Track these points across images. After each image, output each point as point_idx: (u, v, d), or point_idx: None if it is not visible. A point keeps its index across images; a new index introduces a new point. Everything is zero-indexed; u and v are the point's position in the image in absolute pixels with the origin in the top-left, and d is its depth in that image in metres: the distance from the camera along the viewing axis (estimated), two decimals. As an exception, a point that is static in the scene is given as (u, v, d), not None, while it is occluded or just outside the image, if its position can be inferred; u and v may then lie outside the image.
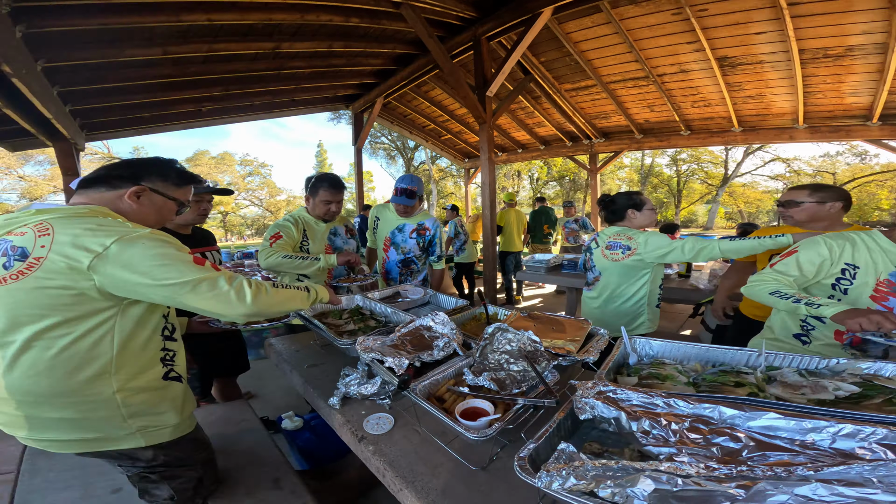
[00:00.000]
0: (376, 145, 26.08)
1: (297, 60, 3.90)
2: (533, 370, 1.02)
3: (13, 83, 2.20)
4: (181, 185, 1.03)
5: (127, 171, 0.95)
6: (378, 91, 5.34)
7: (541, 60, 4.76)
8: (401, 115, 7.19)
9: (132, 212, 0.94)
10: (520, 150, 7.85)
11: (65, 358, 0.79)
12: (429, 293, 1.95)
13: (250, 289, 0.87)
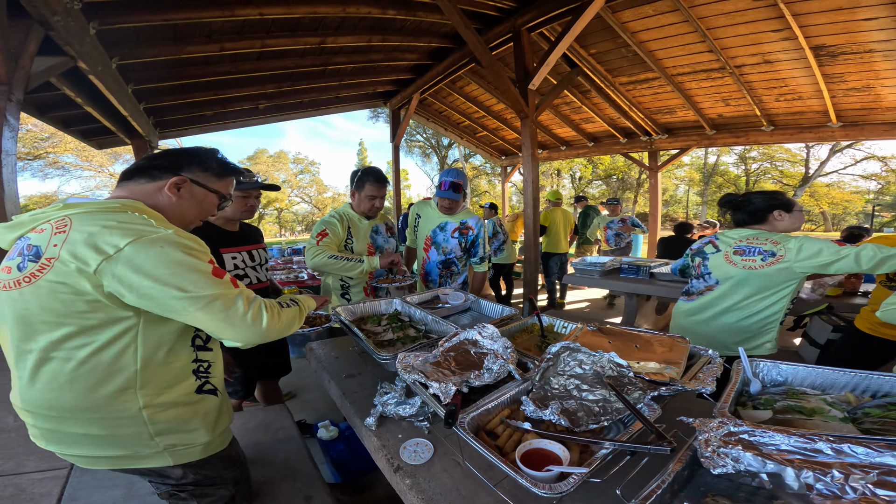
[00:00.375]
0: (412, 143, 26.41)
1: (340, 56, 3.95)
2: (624, 403, 0.81)
3: (93, 81, 2.38)
4: (222, 176, 0.96)
5: (166, 160, 0.89)
6: (414, 87, 5.34)
7: (590, 52, 4.45)
8: (436, 111, 7.12)
9: (171, 205, 0.87)
10: (563, 148, 7.42)
11: (86, 371, 0.72)
12: (470, 299, 1.80)
13: (267, 313, 0.80)
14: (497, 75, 3.26)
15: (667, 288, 2.87)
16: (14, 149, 1.63)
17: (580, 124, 6.47)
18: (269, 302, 0.84)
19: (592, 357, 0.95)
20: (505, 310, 1.65)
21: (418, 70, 5.16)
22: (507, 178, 8.94)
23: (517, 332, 1.45)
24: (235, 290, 0.78)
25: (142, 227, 0.73)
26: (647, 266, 3.16)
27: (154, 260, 0.70)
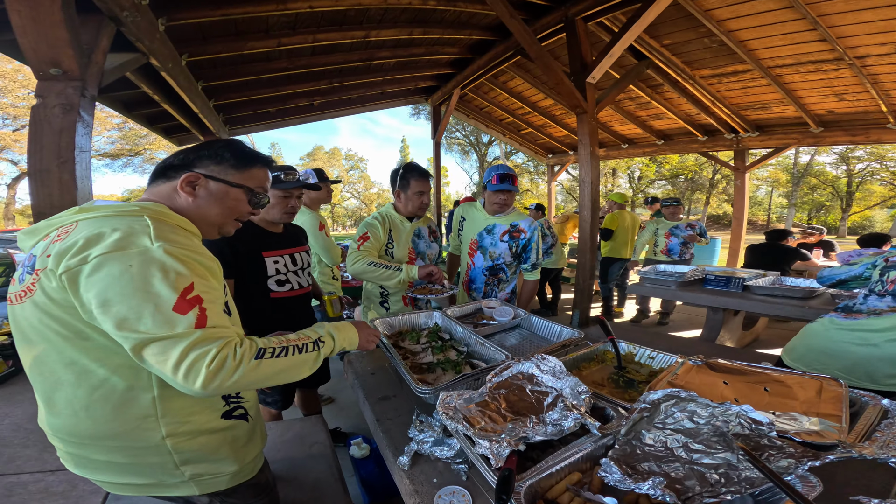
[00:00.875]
0: (451, 140, 26.37)
1: (383, 51, 3.93)
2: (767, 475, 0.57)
3: (166, 78, 2.54)
4: (243, 166, 0.83)
5: (178, 157, 0.80)
6: (455, 82, 5.21)
7: (663, 43, 3.99)
8: (477, 107, 6.91)
9: (189, 206, 0.78)
10: (625, 146, 6.81)
11: (100, 398, 0.65)
12: (520, 314, 1.58)
13: (210, 367, 0.61)
14: (547, 68, 3.00)
15: (767, 304, 2.42)
16: (88, 145, 1.68)
17: (647, 121, 5.91)
18: (242, 350, 0.66)
19: (712, 409, 0.70)
20: (564, 331, 1.41)
21: (459, 64, 5.04)
22: (553, 177, 8.47)
23: (584, 362, 1.21)
24: (186, 333, 0.60)
25: (130, 238, 0.62)
26: (738, 278, 2.70)
27: (111, 279, 0.59)
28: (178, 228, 0.72)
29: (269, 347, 0.70)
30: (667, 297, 3.01)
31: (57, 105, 1.47)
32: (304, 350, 0.76)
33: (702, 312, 3.49)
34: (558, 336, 1.44)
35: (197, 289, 0.64)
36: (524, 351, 1.38)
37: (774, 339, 3.70)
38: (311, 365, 0.77)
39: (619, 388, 1.08)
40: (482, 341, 1.28)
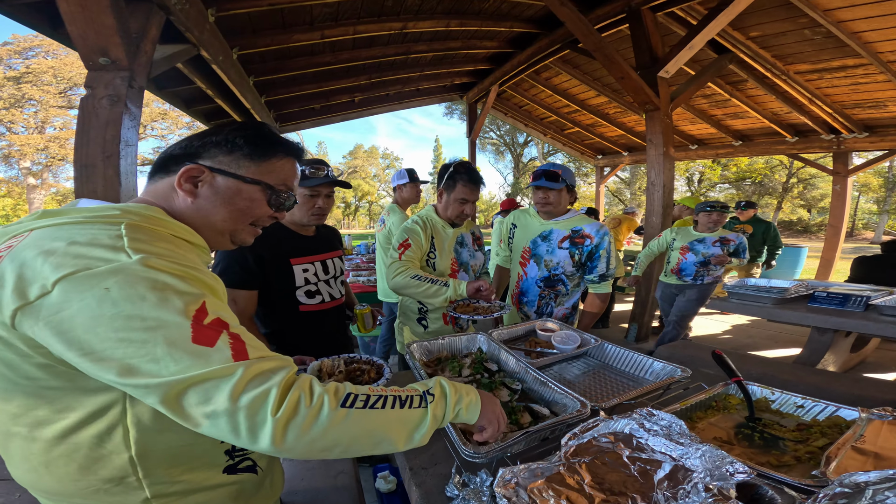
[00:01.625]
0: (484, 140, 25.88)
1: (420, 44, 3.84)
2: None
3: (217, 72, 2.56)
4: (261, 156, 0.64)
5: (180, 146, 0.63)
6: (492, 78, 5.01)
7: (750, 35, 3.56)
8: (516, 105, 6.60)
9: (189, 209, 0.61)
10: (694, 147, 6.26)
11: (60, 455, 0.50)
12: (588, 342, 1.31)
13: (278, 415, 0.44)
14: (610, 61, 2.75)
15: (895, 326, 1.94)
16: (135, 139, 1.63)
17: (723, 120, 5.38)
18: (330, 391, 0.49)
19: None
20: (655, 365, 1.14)
21: (497, 60, 4.81)
22: (603, 179, 7.93)
23: (699, 411, 0.96)
24: (230, 366, 0.44)
25: (93, 251, 0.45)
26: (859, 295, 2.22)
27: (91, 313, 0.42)
28: (173, 239, 0.55)
29: (361, 393, 0.52)
30: (760, 315, 2.53)
31: (105, 96, 1.45)
32: (409, 404, 0.56)
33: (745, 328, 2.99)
34: (648, 371, 1.15)
35: (212, 309, 0.47)
36: (600, 392, 1.12)
37: (886, 361, 3.12)
38: (414, 429, 0.56)
39: (757, 447, 0.81)
40: (544, 379, 1.04)
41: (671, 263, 3.05)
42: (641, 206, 20.61)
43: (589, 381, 1.18)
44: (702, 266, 2.89)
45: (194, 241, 0.60)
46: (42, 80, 17.20)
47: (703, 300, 2.92)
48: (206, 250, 0.63)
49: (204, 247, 0.62)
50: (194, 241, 0.60)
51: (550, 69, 5.03)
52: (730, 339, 3.97)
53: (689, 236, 2.98)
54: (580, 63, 4.78)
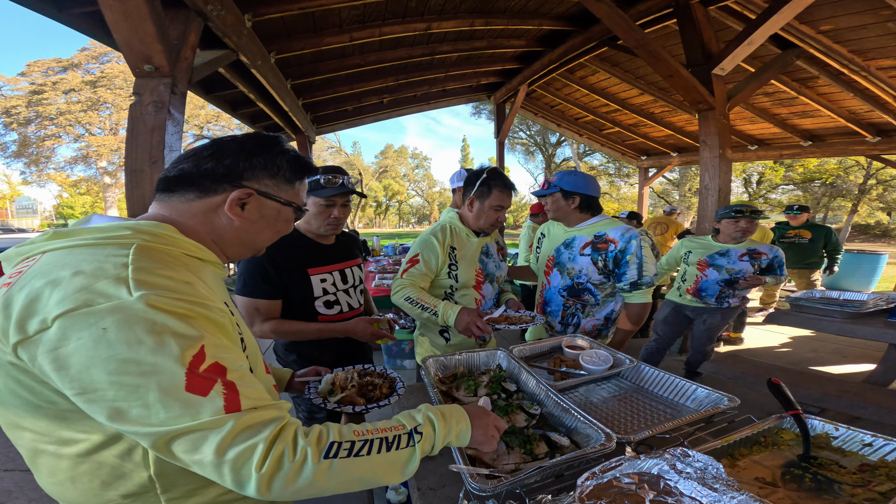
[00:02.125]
0: (513, 141, 25.24)
1: (445, 44, 3.79)
2: None
3: (256, 76, 2.69)
4: (295, 178, 0.68)
5: (219, 163, 0.60)
6: (521, 78, 4.83)
7: (821, 29, 3.23)
8: (547, 105, 6.34)
9: (233, 230, 0.62)
10: (753, 147, 5.82)
11: (85, 471, 0.51)
12: (622, 362, 1.18)
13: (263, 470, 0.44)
14: (656, 58, 2.57)
15: None
16: (179, 145, 1.66)
17: (789, 119, 4.93)
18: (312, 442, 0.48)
19: None
20: (699, 391, 1.01)
21: (525, 59, 4.64)
22: (648, 181, 7.49)
23: (742, 447, 0.82)
24: (220, 419, 0.44)
25: (95, 285, 0.44)
26: None
27: (86, 353, 0.41)
28: (184, 261, 0.54)
29: (345, 440, 0.51)
30: (829, 331, 2.22)
31: (150, 103, 1.53)
32: (395, 445, 0.54)
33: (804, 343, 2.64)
34: (689, 398, 1.02)
35: (210, 352, 0.47)
36: (629, 421, 0.99)
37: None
38: (403, 468, 0.55)
39: (807, 490, 0.69)
40: (566, 404, 0.93)
41: (686, 281, 2.43)
42: (692, 209, 19.12)
43: (618, 407, 1.06)
44: (727, 285, 2.28)
45: (207, 259, 0.60)
46: (115, 84, 18.91)
47: (725, 324, 2.46)
48: (220, 265, 0.64)
49: (216, 262, 0.63)
50: (207, 259, 0.60)
51: (586, 67, 4.78)
52: (789, 353, 3.57)
53: (708, 248, 2.33)
54: (620, 61, 4.52)
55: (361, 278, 1.44)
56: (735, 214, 2.20)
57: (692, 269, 2.39)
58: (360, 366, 1.10)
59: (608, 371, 1.15)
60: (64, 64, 19.16)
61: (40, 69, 18.97)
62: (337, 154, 30.24)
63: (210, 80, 3.21)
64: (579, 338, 1.37)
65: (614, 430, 0.92)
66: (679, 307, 2.53)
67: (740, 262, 2.25)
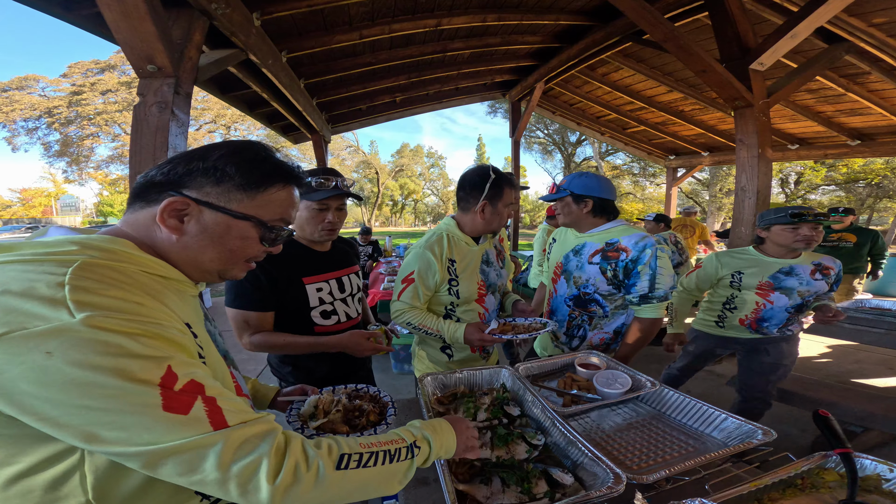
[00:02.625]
0: (530, 140, 24.67)
1: (456, 41, 3.67)
2: None
3: (267, 75, 2.68)
4: (255, 187, 0.57)
5: (164, 170, 0.55)
6: (537, 75, 4.63)
7: (873, 22, 2.97)
8: (565, 103, 6.08)
9: (174, 247, 0.54)
10: (793, 147, 5.46)
11: (16, 494, 0.47)
12: (643, 385, 1.06)
13: (277, 482, 0.45)
14: (687, 52, 2.41)
15: None
16: (184, 145, 1.62)
17: (835, 117, 4.57)
18: (324, 455, 0.50)
19: None
20: (729, 421, 0.89)
21: (541, 56, 4.44)
22: (676, 181, 7.17)
23: (775, 490, 0.72)
24: (210, 436, 0.43)
25: (25, 307, 0.39)
26: None
27: (34, 378, 0.38)
28: (137, 277, 0.48)
29: (354, 452, 0.54)
30: (882, 344, 2.03)
31: (154, 104, 1.51)
32: (397, 458, 0.58)
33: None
34: (716, 427, 0.91)
35: (181, 371, 0.44)
36: (644, 454, 0.88)
37: None
38: (402, 479, 0.58)
39: None
40: (572, 437, 0.83)
41: (739, 310, 1.82)
42: (722, 210, 18.26)
43: (633, 438, 0.94)
44: (797, 312, 1.76)
45: (170, 276, 0.54)
46: (148, 85, 20.03)
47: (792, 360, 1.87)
48: (187, 283, 0.57)
49: (183, 281, 0.56)
50: (170, 276, 0.54)
51: (608, 64, 4.53)
52: (828, 365, 3.30)
53: (765, 266, 1.75)
54: (646, 57, 4.27)
55: (359, 286, 1.36)
56: (793, 219, 1.63)
57: (749, 296, 1.78)
58: (353, 386, 1.02)
59: (622, 394, 1.03)
60: (102, 65, 20.28)
61: (80, 71, 20.17)
62: (355, 153, 30.67)
63: (226, 79, 3.24)
64: (595, 355, 1.24)
65: (626, 466, 0.82)
66: (724, 341, 1.93)
67: (814, 281, 1.71)
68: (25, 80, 20.24)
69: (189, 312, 0.56)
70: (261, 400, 0.94)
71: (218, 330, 0.69)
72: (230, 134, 22.34)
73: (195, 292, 0.60)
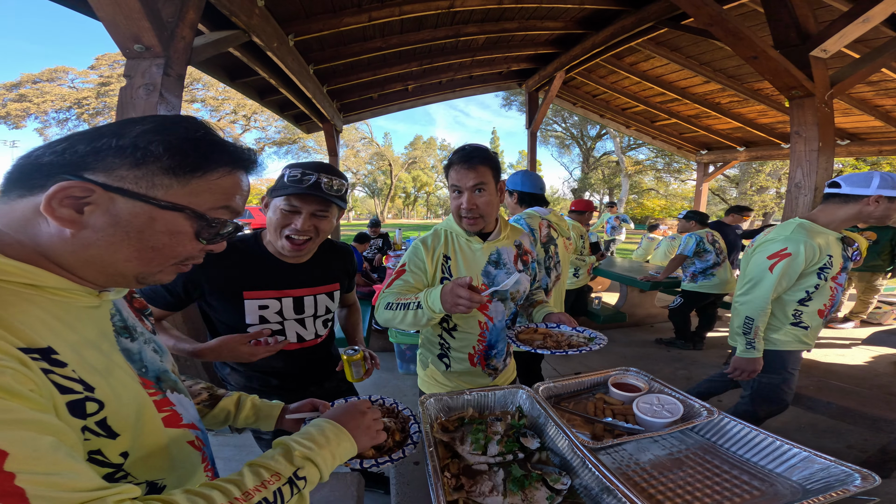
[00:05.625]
0: (547, 133, 23.91)
1: (471, 26, 3.45)
2: None
3: (273, 59, 2.55)
4: (191, 170, 0.45)
5: (56, 150, 0.41)
6: (557, 64, 4.36)
7: None
8: (587, 94, 5.76)
9: (64, 245, 0.41)
10: (845, 142, 5.12)
11: None
12: (699, 413, 0.87)
13: None
14: (737, 37, 2.21)
15: None
16: None
17: (893, 112, 4.24)
18: None
19: None
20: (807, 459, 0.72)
21: (562, 42, 4.17)
22: (709, 177, 6.79)
23: None
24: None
25: None
26: None
27: None
28: None
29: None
30: None
31: (141, 86, 1.39)
32: (280, 501, 0.47)
33: None
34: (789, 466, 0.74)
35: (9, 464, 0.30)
36: (699, 498, 0.70)
37: None
38: None
39: None
40: (608, 482, 0.65)
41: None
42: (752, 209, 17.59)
43: (680, 478, 0.76)
44: None
45: (44, 284, 0.40)
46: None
47: None
48: (78, 292, 0.44)
49: (69, 289, 0.43)
50: (44, 284, 0.40)
51: (638, 52, 4.22)
52: (880, 376, 3.01)
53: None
54: (681, 45, 3.95)
55: (330, 308, 1.15)
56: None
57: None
58: (368, 396, 0.88)
59: (675, 427, 0.83)
60: (128, 57, 20.78)
61: (107, 62, 20.75)
62: (369, 144, 30.64)
63: (233, 65, 3.14)
64: (633, 373, 1.04)
65: None
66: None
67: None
68: (55, 71, 20.98)
69: (80, 328, 0.43)
70: (264, 419, 0.81)
71: (151, 346, 0.55)
72: (250, 125, 22.60)
73: (94, 303, 0.46)
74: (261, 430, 0.81)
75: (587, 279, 3.42)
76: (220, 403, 0.77)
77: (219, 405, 0.77)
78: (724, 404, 2.25)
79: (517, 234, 1.24)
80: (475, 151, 1.04)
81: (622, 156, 18.53)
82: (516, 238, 1.23)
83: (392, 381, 2.89)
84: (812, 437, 2.11)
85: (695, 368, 3.10)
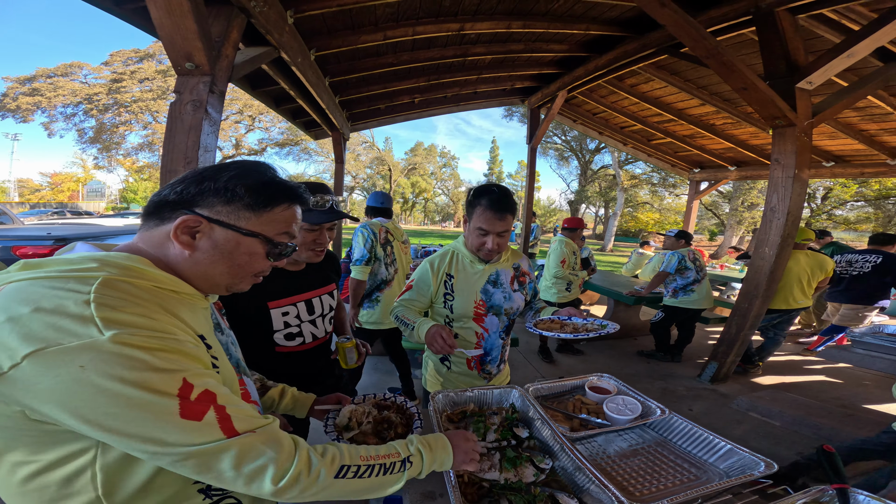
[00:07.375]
0: (546, 145, 24.26)
1: (478, 46, 3.65)
2: None
3: (296, 73, 2.72)
4: (262, 206, 0.60)
5: (177, 189, 0.58)
6: (560, 83, 4.55)
7: None
8: (588, 112, 5.97)
9: (186, 262, 0.58)
10: (828, 164, 5.34)
11: (33, 489, 0.50)
12: (654, 412, 1.07)
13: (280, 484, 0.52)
14: (729, 69, 2.37)
15: None
16: (214, 144, 1.60)
17: (877, 136, 4.47)
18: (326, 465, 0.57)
19: None
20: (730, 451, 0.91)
21: (566, 64, 4.37)
22: (700, 194, 6.98)
23: None
24: (219, 447, 0.49)
25: (58, 323, 0.43)
26: None
27: (70, 391, 0.43)
28: (153, 295, 0.52)
29: (353, 464, 0.61)
30: None
31: (189, 101, 1.52)
32: (391, 471, 0.64)
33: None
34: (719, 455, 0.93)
35: (196, 381, 0.49)
36: (646, 481, 0.89)
37: None
38: (391, 487, 0.65)
39: None
40: (580, 462, 0.83)
41: None
42: (742, 224, 17.61)
43: (638, 464, 0.95)
44: None
45: (182, 291, 0.57)
46: (183, 73, 20.59)
47: None
48: (198, 296, 0.60)
49: (194, 294, 0.59)
50: (182, 291, 0.57)
51: (639, 75, 4.42)
52: (834, 387, 3.23)
53: None
54: (680, 69, 4.16)
55: (332, 306, 1.28)
56: None
57: None
58: (383, 394, 1.04)
59: (635, 423, 1.04)
60: (141, 54, 20.98)
61: (121, 59, 20.98)
62: (370, 149, 30.89)
63: (255, 75, 3.31)
64: (607, 378, 1.25)
65: (630, 493, 0.84)
66: None
67: None
68: (70, 66, 21.15)
69: (201, 324, 0.59)
70: (300, 408, 0.98)
71: (230, 339, 0.72)
72: (254, 126, 22.89)
73: (206, 305, 0.63)
74: (295, 416, 0.98)
75: (578, 293, 3.57)
76: (268, 392, 0.95)
77: (268, 393, 0.94)
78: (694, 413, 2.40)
79: (516, 258, 1.40)
80: (505, 201, 1.16)
81: (619, 169, 18.81)
82: (515, 261, 1.38)
83: (396, 382, 2.99)
84: (769, 445, 2.17)
85: (671, 379, 3.27)
